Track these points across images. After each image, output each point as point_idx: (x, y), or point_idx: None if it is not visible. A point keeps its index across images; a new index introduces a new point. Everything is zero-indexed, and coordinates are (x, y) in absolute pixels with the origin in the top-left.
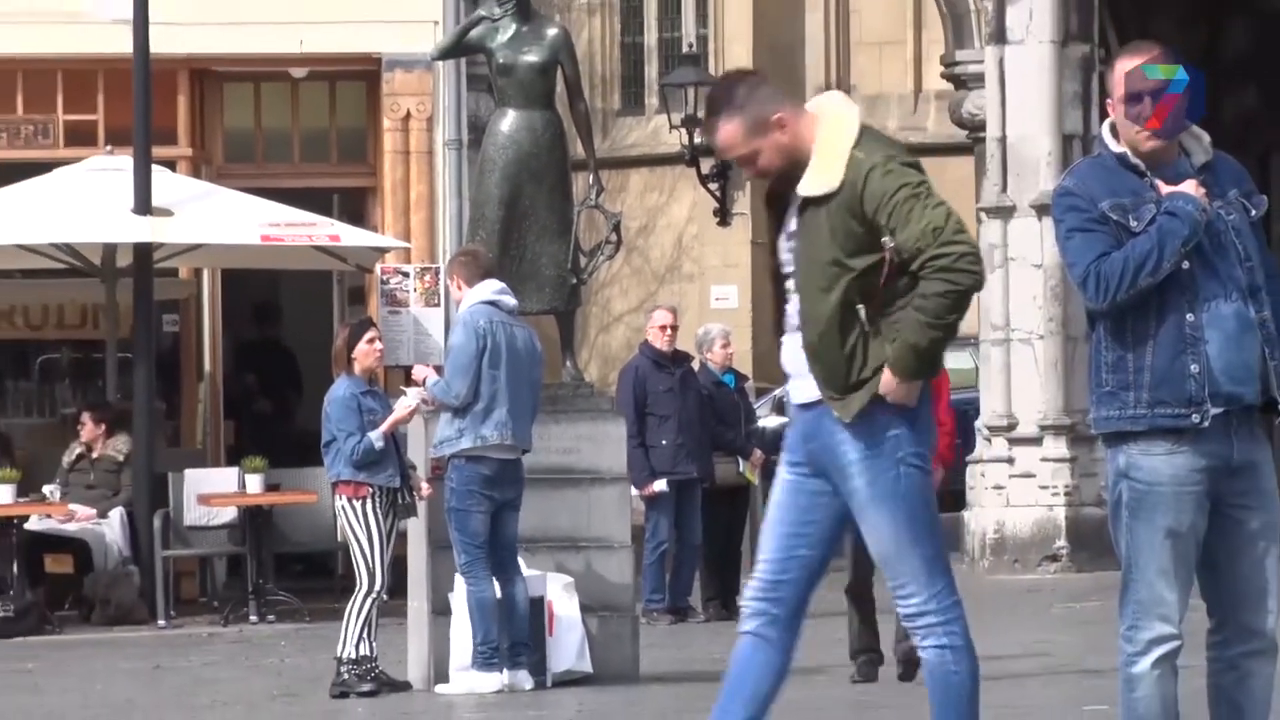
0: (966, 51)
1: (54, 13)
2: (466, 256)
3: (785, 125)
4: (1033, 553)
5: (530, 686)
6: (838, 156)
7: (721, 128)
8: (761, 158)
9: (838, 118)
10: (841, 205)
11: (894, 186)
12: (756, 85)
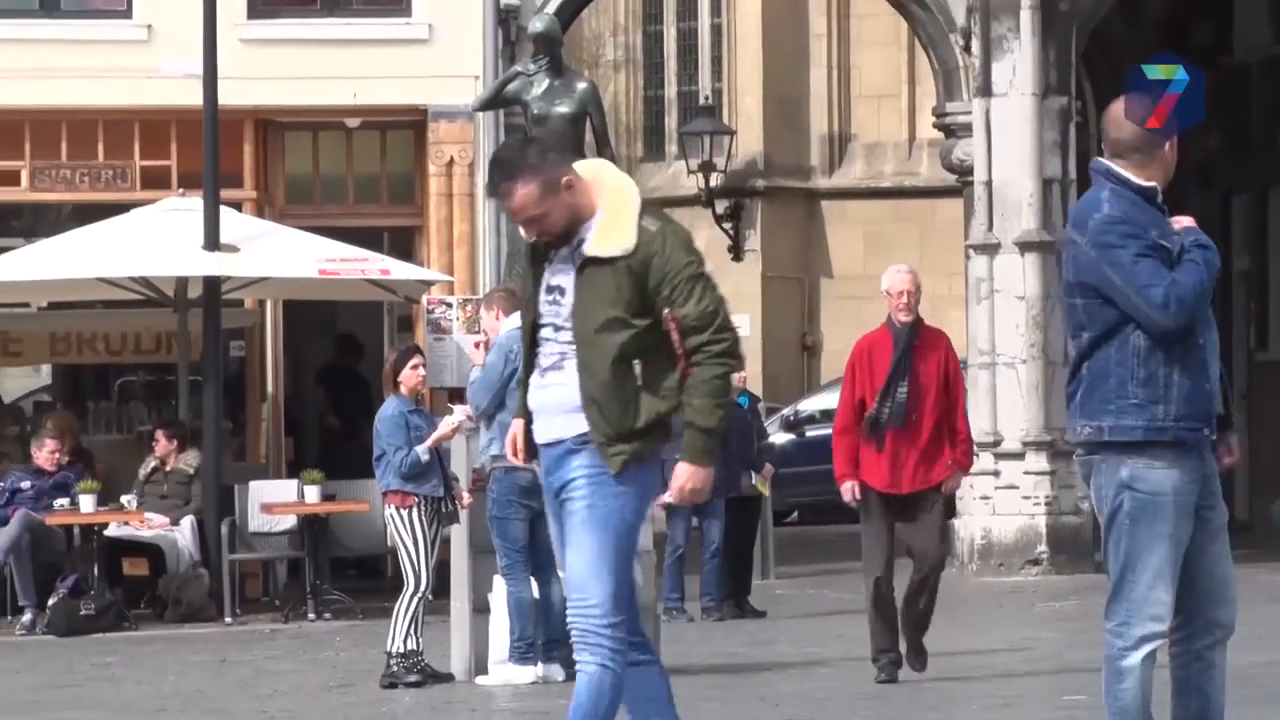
0: (956, 103)
1: (132, 69)
2: (505, 292)
3: (572, 187)
4: (1016, 557)
5: (562, 678)
6: (627, 222)
7: (518, 191)
8: (550, 218)
9: (620, 186)
10: (628, 268)
11: (680, 263)
12: (544, 150)
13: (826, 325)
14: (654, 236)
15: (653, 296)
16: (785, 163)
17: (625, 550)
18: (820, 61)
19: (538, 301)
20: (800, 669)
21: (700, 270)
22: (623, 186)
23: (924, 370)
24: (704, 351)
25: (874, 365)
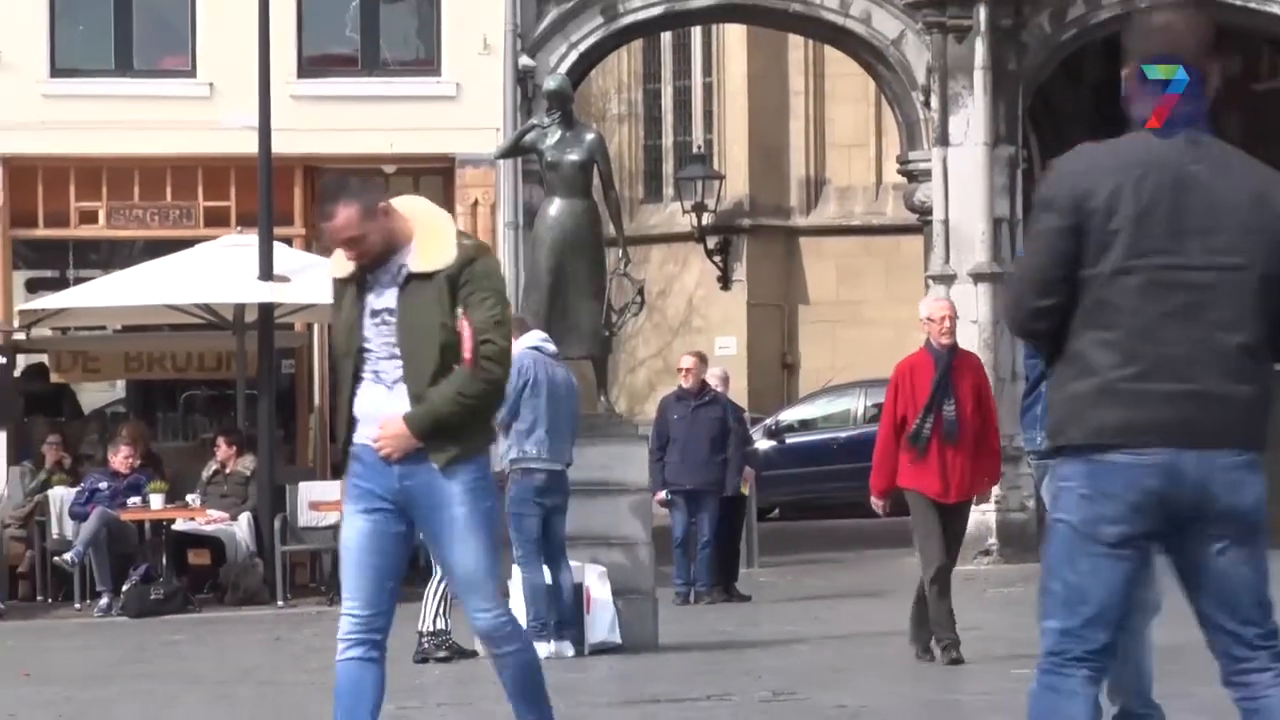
0: (917, 152)
1: (196, 122)
2: (516, 320)
3: (389, 213)
4: (970, 548)
5: (572, 654)
6: (447, 239)
7: (340, 212)
8: (368, 239)
9: (435, 212)
10: (449, 278)
11: (487, 273)
12: (365, 180)
13: (804, 346)
14: (470, 249)
15: (460, 301)
16: (768, 204)
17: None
18: (798, 115)
19: (362, 326)
20: (781, 646)
21: (499, 288)
22: (437, 213)
23: (962, 390)
24: (476, 351)
25: (916, 385)
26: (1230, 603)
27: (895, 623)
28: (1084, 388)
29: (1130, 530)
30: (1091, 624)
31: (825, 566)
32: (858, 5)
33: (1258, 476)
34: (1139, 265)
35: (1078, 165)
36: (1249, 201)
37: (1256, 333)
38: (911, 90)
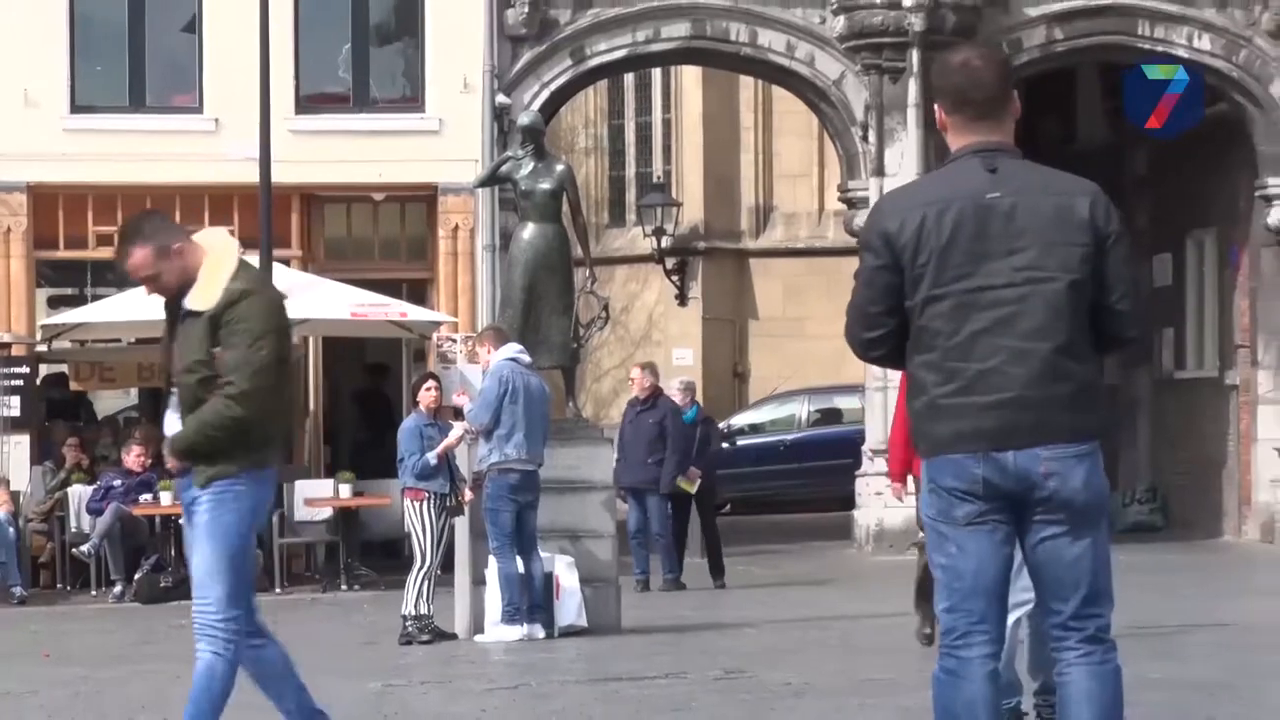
0: (856, 181)
1: (202, 153)
2: (494, 330)
3: (182, 253)
4: (903, 540)
5: (543, 636)
6: (217, 283)
7: (135, 253)
8: (163, 278)
9: (221, 249)
10: (211, 319)
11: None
12: (161, 221)
13: (753, 357)
14: (236, 292)
15: (220, 340)
16: (721, 228)
17: (236, 557)
18: (748, 148)
19: (170, 353)
20: (733, 629)
21: (257, 333)
22: (222, 253)
23: None
24: (221, 389)
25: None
26: (1052, 584)
27: (836, 608)
28: (919, 406)
29: (974, 509)
30: (969, 597)
31: (772, 557)
32: (802, 49)
33: (1090, 467)
34: (948, 291)
35: (886, 206)
36: (1050, 217)
37: (1072, 335)
38: (851, 126)
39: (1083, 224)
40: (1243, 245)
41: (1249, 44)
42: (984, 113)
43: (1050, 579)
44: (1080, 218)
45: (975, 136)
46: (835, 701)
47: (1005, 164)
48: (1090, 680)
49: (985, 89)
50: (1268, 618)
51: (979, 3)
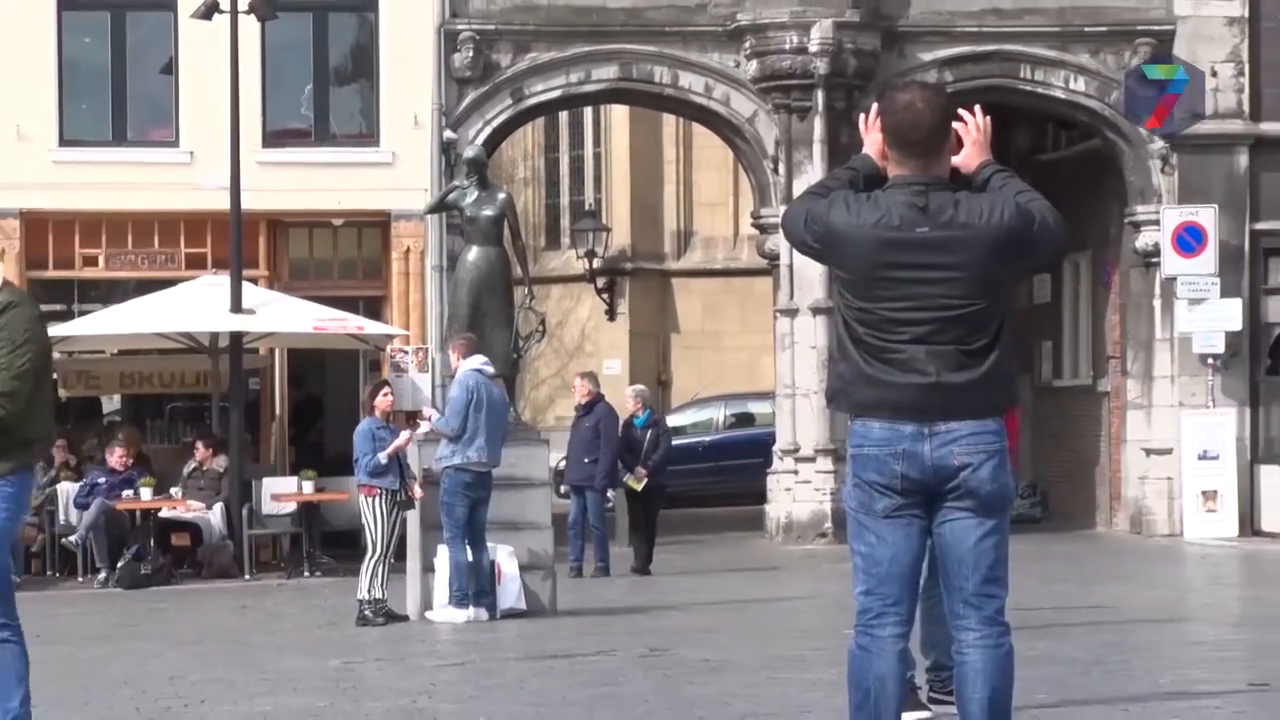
0: (768, 209)
1: (178, 183)
2: (464, 339)
3: None
4: (809, 531)
5: (487, 618)
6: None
7: None
8: None
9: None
10: None
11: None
12: None
13: (675, 367)
14: (2, 306)
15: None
16: (646, 251)
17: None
18: (671, 179)
19: None
20: (657, 611)
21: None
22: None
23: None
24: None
25: None
26: (955, 564)
27: (750, 592)
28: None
29: (892, 503)
30: (885, 581)
31: (692, 547)
32: (719, 90)
33: (998, 464)
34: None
35: (838, 208)
36: (969, 246)
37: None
38: (763, 159)
39: (992, 251)
40: (1114, 266)
41: (1120, 86)
42: (921, 150)
43: (954, 559)
44: (988, 247)
45: (909, 170)
46: (749, 676)
47: (933, 198)
48: (986, 661)
49: (923, 130)
50: (1135, 601)
51: (877, 49)
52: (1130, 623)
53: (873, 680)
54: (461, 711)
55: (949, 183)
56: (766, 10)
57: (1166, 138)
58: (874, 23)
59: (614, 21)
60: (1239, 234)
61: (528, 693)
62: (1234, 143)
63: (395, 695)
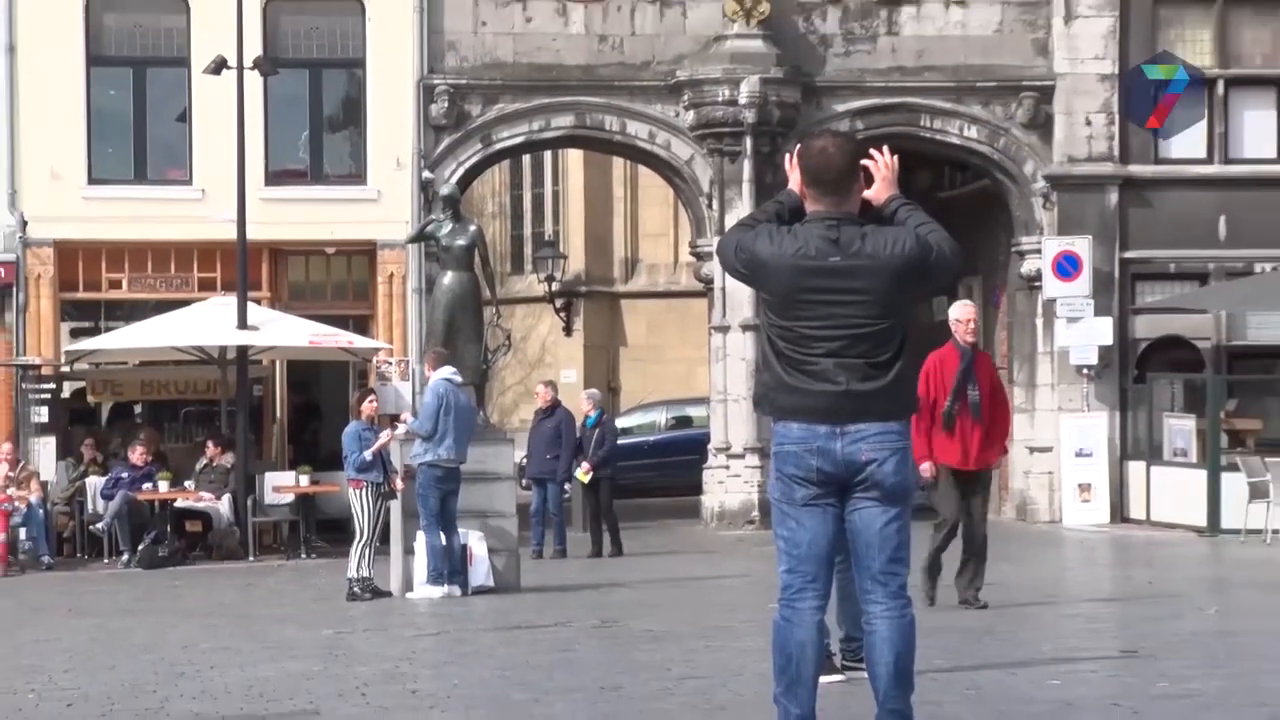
0: (704, 239)
1: (192, 216)
2: (435, 352)
3: None
4: (739, 518)
5: (459, 594)
6: None
7: None
8: None
9: None
10: None
11: None
12: None
13: (623, 376)
14: None
15: None
16: (598, 275)
17: None
18: (619, 213)
19: None
20: (607, 588)
21: None
22: None
23: (981, 379)
24: None
25: (945, 374)
26: (864, 546)
27: (688, 571)
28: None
29: (809, 493)
30: (804, 561)
31: (638, 532)
32: (661, 136)
33: (900, 459)
34: (791, 325)
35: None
36: (874, 273)
37: (886, 356)
38: (699, 196)
39: (895, 277)
40: (1002, 289)
41: (1007, 133)
42: (832, 189)
43: (863, 542)
44: (891, 273)
45: (824, 206)
46: (687, 644)
47: (844, 231)
48: (891, 630)
49: (833, 171)
50: (1020, 578)
51: (797, 101)
52: (1015, 599)
53: (794, 647)
54: (437, 675)
55: (858, 217)
56: (702, 68)
57: (1048, 178)
58: (795, 78)
59: (570, 77)
60: (1110, 261)
61: (495, 659)
62: (1105, 182)
63: (380, 661)
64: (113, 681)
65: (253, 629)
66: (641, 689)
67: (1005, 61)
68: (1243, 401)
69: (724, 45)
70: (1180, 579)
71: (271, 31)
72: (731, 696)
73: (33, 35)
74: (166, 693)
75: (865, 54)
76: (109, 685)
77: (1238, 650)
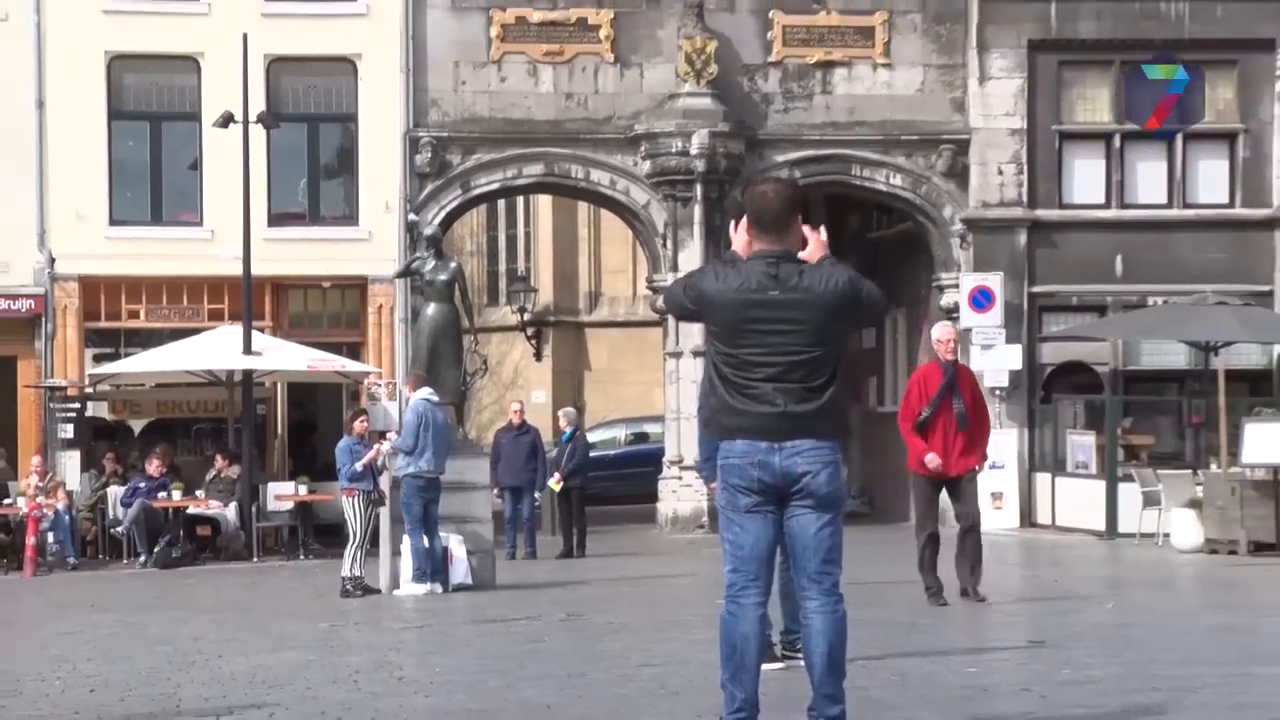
0: (659, 275)
1: (203, 254)
2: (416, 376)
3: None
4: (690, 524)
5: (441, 591)
6: None
7: None
8: None
9: None
10: None
11: None
12: None
13: (588, 397)
14: None
15: None
16: (565, 307)
17: None
18: (584, 251)
19: None
20: (573, 585)
21: None
22: None
23: (964, 391)
24: None
25: (928, 387)
26: (800, 549)
27: (645, 571)
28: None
29: (752, 501)
30: (747, 561)
31: (600, 536)
32: (621, 183)
33: (833, 470)
34: (732, 353)
35: (709, 276)
36: (810, 306)
37: (820, 381)
38: (655, 236)
39: (829, 310)
40: (924, 319)
41: (928, 181)
42: (772, 229)
43: (800, 545)
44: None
45: (765, 245)
46: (644, 636)
47: (785, 269)
48: (825, 623)
49: (773, 214)
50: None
51: (742, 152)
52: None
53: (739, 638)
54: (421, 663)
55: (796, 257)
56: (657, 123)
57: (965, 221)
58: (740, 132)
59: (540, 131)
60: (1019, 295)
61: (473, 649)
62: (1015, 225)
63: (370, 651)
64: (131, 670)
65: (256, 622)
66: (603, 676)
67: (927, 118)
68: (1137, 420)
69: (677, 103)
70: (1082, 578)
71: (273, 89)
72: (684, 682)
73: (60, 93)
74: (179, 680)
75: (802, 110)
76: (128, 673)
77: (1132, 641)
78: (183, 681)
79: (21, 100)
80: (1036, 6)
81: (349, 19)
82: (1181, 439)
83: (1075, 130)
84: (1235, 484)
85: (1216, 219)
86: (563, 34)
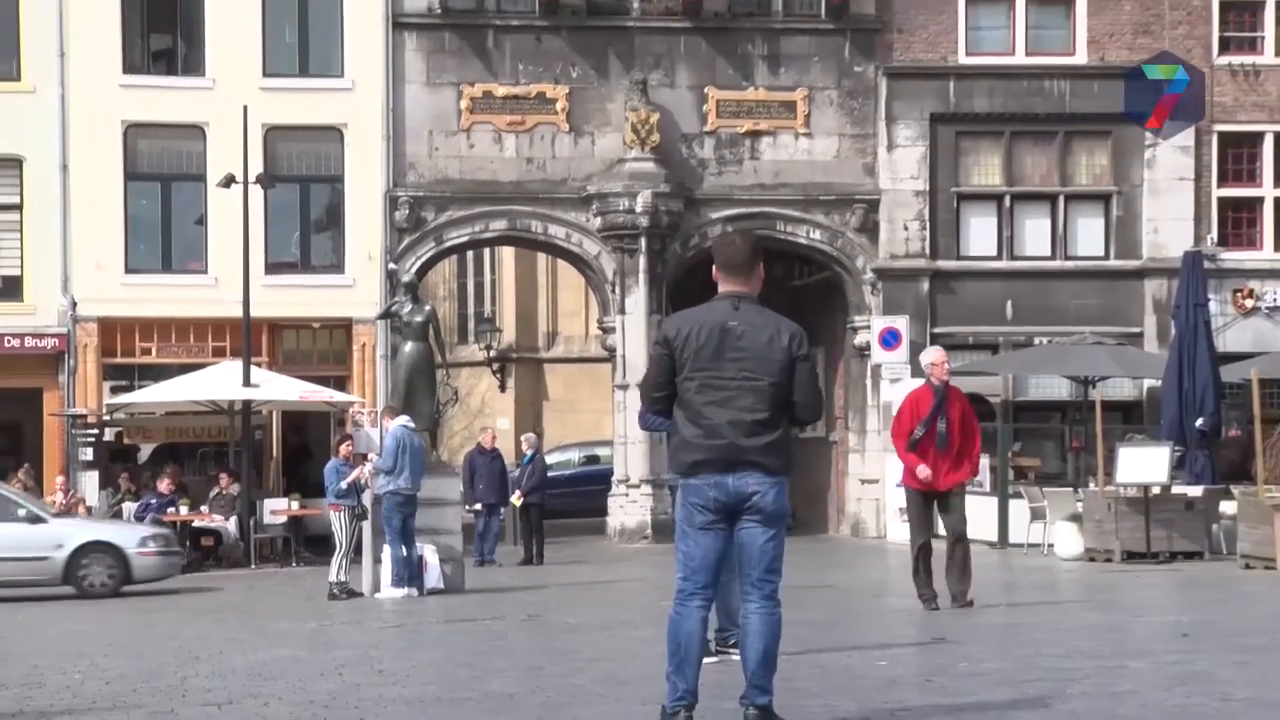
0: (609, 318)
1: (207, 299)
2: (391, 408)
3: None
4: (636, 535)
5: (417, 595)
6: None
7: None
8: None
9: None
10: None
11: None
12: None
13: (546, 424)
14: None
15: None
16: (527, 344)
17: None
18: (543, 295)
19: None
20: (534, 590)
21: None
22: None
23: (952, 412)
24: None
25: (920, 408)
26: (747, 558)
27: (596, 577)
28: (677, 440)
29: (706, 519)
30: (697, 572)
31: (556, 546)
32: (575, 237)
33: (778, 491)
34: (696, 376)
35: (672, 321)
36: (765, 341)
37: (770, 412)
38: (605, 283)
39: (783, 349)
40: (840, 357)
41: (843, 236)
42: (735, 273)
43: (747, 555)
44: (781, 345)
45: (730, 287)
46: (598, 634)
47: (744, 306)
48: (762, 624)
49: (737, 258)
50: (855, 582)
51: (681, 210)
52: (853, 598)
53: (684, 636)
54: (399, 657)
55: (754, 299)
56: (607, 184)
57: (875, 271)
58: (679, 192)
59: (504, 190)
60: (923, 335)
61: (445, 645)
62: (919, 274)
63: (354, 647)
64: (142, 664)
65: (253, 622)
66: (560, 668)
67: (842, 180)
68: (1025, 444)
69: (624, 166)
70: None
71: (270, 154)
72: (632, 674)
73: (81, 156)
74: (185, 673)
75: (734, 173)
76: (140, 667)
77: (1021, 638)
78: (188, 674)
79: (47, 163)
80: (936, 84)
81: (337, 93)
82: (1064, 461)
83: (971, 192)
84: (1111, 500)
85: (1093, 269)
86: (524, 106)
